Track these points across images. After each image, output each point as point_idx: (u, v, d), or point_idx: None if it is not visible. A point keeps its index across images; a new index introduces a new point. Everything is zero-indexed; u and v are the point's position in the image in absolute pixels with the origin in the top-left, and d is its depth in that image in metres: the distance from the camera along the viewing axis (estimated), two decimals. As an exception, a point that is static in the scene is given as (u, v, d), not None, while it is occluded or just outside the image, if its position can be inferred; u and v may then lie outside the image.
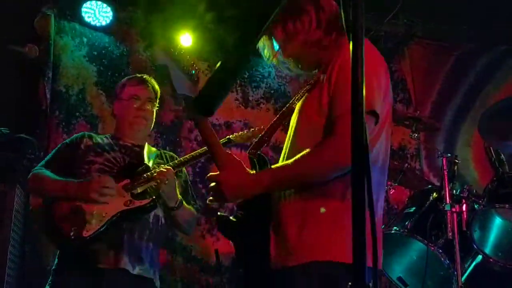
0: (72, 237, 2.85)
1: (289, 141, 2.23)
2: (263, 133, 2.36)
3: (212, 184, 2.08)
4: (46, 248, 4.47)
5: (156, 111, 3.34)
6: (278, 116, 2.36)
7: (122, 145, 3.25)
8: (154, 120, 3.34)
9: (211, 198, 2.11)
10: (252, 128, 3.59)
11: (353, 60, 1.14)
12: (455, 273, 3.71)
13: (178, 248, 5.24)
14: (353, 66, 1.15)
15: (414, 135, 4.33)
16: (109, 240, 2.95)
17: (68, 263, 3.00)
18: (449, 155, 4.10)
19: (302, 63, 2.31)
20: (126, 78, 3.47)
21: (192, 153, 3.24)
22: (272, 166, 2.13)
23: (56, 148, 3.32)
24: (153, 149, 3.32)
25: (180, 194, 3.14)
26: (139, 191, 3.03)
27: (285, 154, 2.23)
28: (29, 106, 4.92)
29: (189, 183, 3.42)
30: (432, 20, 6.01)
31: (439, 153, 4.13)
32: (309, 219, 2.05)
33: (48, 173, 3.11)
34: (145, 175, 3.05)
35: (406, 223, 4.05)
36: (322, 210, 2.03)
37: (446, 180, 3.91)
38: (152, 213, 3.11)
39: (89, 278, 2.93)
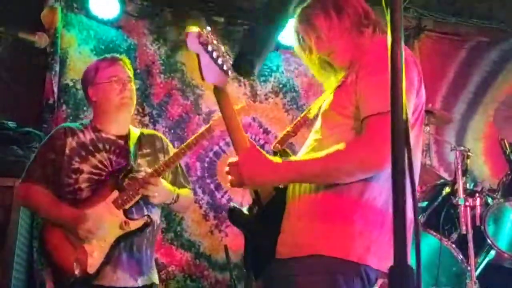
0: (78, 275, 2.78)
1: (313, 138, 2.17)
2: (289, 127, 2.32)
3: (231, 166, 2.05)
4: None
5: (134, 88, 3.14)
6: (305, 111, 2.33)
7: (105, 138, 3.06)
8: (135, 99, 3.17)
9: (230, 181, 2.06)
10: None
11: (392, 59, 1.09)
12: (469, 268, 3.67)
13: (186, 244, 5.20)
14: (392, 64, 1.10)
15: (426, 128, 4.28)
16: (109, 261, 2.88)
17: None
18: (462, 148, 4.05)
19: (336, 59, 2.21)
20: (95, 61, 3.24)
21: (173, 154, 3.06)
22: (297, 158, 2.09)
23: (39, 153, 3.08)
24: (135, 133, 3.16)
25: (171, 182, 3.10)
26: (129, 207, 2.95)
27: (308, 150, 2.16)
28: (36, 100, 4.89)
29: (180, 166, 3.27)
30: (442, 14, 5.96)
31: (452, 146, 4.09)
32: (321, 213, 2.01)
33: (40, 188, 2.97)
34: (131, 184, 2.94)
35: (419, 217, 4.00)
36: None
37: (460, 174, 3.87)
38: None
39: None
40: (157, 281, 3.13)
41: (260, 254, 2.18)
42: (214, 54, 2.06)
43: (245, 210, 2.24)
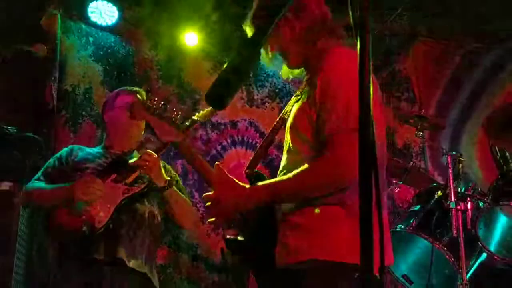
0: (87, 232, 2.91)
1: (287, 157, 2.28)
2: (257, 149, 2.42)
3: (209, 203, 2.17)
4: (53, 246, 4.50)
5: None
6: (270, 130, 2.43)
7: (112, 153, 3.28)
8: (144, 129, 3.37)
9: (210, 218, 2.19)
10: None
11: (360, 60, 1.15)
12: (460, 270, 3.72)
13: (184, 246, 5.26)
14: (360, 66, 1.16)
15: (420, 134, 4.34)
16: (107, 233, 2.99)
17: (67, 254, 3.05)
18: (454, 153, 4.12)
19: (287, 59, 2.33)
20: (117, 90, 3.48)
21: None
22: (271, 181, 2.18)
23: (44, 168, 3.31)
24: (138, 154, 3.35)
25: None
26: (129, 181, 3.08)
27: (283, 169, 2.26)
28: (36, 105, 4.94)
29: (179, 181, 3.44)
30: (437, 19, 6.01)
31: (444, 151, 4.15)
32: (308, 223, 2.10)
33: (39, 184, 3.17)
34: (128, 165, 3.10)
35: (411, 221, 4.07)
36: (317, 210, 2.08)
37: (451, 178, 3.93)
38: (147, 210, 3.16)
39: (88, 268, 2.98)
40: (154, 278, 3.20)
41: (262, 268, 2.29)
42: (161, 115, 2.28)
43: (239, 237, 2.33)
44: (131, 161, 3.09)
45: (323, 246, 2.04)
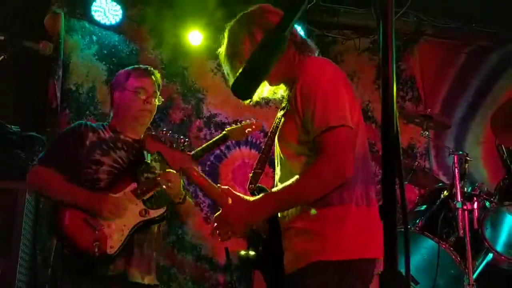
0: (97, 255, 2.80)
1: (280, 168, 2.33)
2: (255, 165, 2.47)
3: (218, 221, 2.22)
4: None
5: (157, 103, 3.22)
6: (264, 147, 2.47)
7: (124, 140, 3.14)
8: (155, 113, 3.25)
9: (220, 236, 2.22)
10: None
11: (383, 56, 1.13)
12: (466, 271, 3.70)
13: (188, 247, 5.25)
14: (383, 64, 1.13)
15: (425, 133, 4.32)
16: (120, 253, 2.91)
17: (76, 268, 2.90)
18: (460, 152, 4.09)
19: (268, 80, 2.39)
20: (130, 67, 3.31)
21: (201, 147, 3.18)
22: (273, 190, 2.23)
23: (57, 140, 3.18)
24: None
25: None
26: (148, 197, 3.00)
27: (279, 181, 2.32)
28: (40, 104, 4.93)
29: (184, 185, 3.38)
30: (442, 18, 5.99)
31: (450, 150, 4.12)
32: (312, 224, 2.16)
33: (52, 171, 2.98)
34: (149, 176, 3.02)
35: (417, 221, 4.05)
36: (313, 211, 2.14)
37: (457, 178, 3.90)
38: (157, 224, 3.10)
39: (99, 281, 2.89)
40: (158, 283, 3.18)
41: (274, 277, 2.33)
42: (172, 145, 2.45)
43: (251, 252, 2.39)
44: (151, 175, 3.01)
45: (328, 246, 2.11)
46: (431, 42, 6.12)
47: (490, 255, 3.94)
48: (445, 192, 4.10)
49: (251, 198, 2.22)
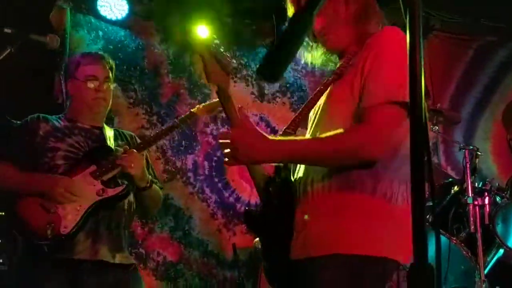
0: (50, 236, 2.75)
1: (315, 124, 2.16)
2: (287, 125, 2.31)
3: (224, 141, 1.98)
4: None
5: (112, 88, 3.17)
6: (302, 109, 2.26)
7: (81, 127, 3.09)
8: (111, 97, 3.19)
9: (225, 158, 2.01)
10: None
11: (411, 46, 1.09)
12: (477, 266, 3.67)
13: (195, 242, 5.22)
14: (410, 52, 1.10)
15: (435, 128, 4.29)
16: (86, 230, 2.86)
17: (42, 254, 2.81)
18: (471, 147, 4.05)
19: (328, 40, 2.21)
20: (79, 54, 3.26)
21: (153, 134, 3.13)
22: (295, 138, 2.03)
23: (10, 134, 3.11)
24: (110, 129, 3.22)
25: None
26: (108, 178, 2.94)
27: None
28: (46, 100, 4.90)
29: (150, 162, 3.29)
30: (450, 13, 5.95)
31: (461, 145, 4.09)
32: (335, 211, 1.99)
33: (9, 165, 2.94)
34: (110, 159, 2.96)
35: (427, 216, 4.01)
36: (306, 217, 2.00)
37: (468, 173, 3.87)
38: (126, 201, 3.03)
39: (66, 269, 2.83)
40: (133, 261, 3.12)
41: (277, 255, 2.16)
42: (218, 56, 2.12)
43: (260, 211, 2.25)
44: (112, 157, 2.94)
45: (346, 239, 1.94)
46: (440, 37, 6.08)
47: (501, 251, 3.91)
48: (455, 187, 4.08)
49: (270, 136, 1.98)
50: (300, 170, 2.15)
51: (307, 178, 2.08)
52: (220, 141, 2.01)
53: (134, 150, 2.97)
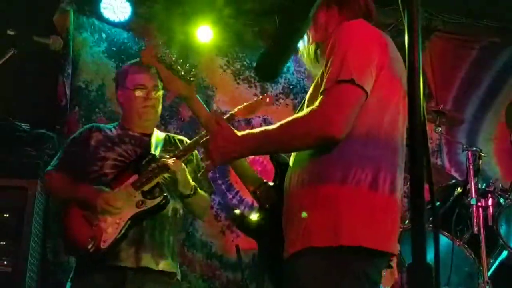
0: (91, 250, 2.84)
1: None
2: None
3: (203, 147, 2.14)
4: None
5: (163, 94, 3.21)
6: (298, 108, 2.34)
7: (132, 135, 3.19)
8: (161, 105, 3.25)
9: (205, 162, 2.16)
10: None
11: (409, 46, 1.09)
12: (481, 268, 3.66)
13: (198, 244, 5.22)
14: (409, 52, 1.10)
15: (438, 129, 4.28)
16: (130, 239, 2.92)
17: (89, 262, 2.94)
18: (474, 148, 4.05)
19: (322, 49, 2.23)
20: (127, 64, 3.33)
21: (193, 139, 3.11)
22: (257, 129, 2.09)
23: (66, 144, 3.28)
24: (161, 134, 3.28)
25: (192, 180, 3.09)
26: (148, 188, 2.98)
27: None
28: (49, 102, 4.92)
29: (200, 164, 3.31)
30: (453, 14, 5.94)
31: (464, 146, 4.08)
32: (307, 204, 2.00)
33: (57, 175, 3.12)
34: (151, 167, 2.99)
35: (431, 218, 4.00)
36: (304, 214, 1.99)
37: (472, 174, 3.86)
38: (170, 207, 3.05)
39: (110, 277, 2.89)
40: (178, 274, 3.14)
41: (272, 257, 2.20)
42: (173, 66, 2.31)
43: (254, 214, 2.28)
44: (153, 166, 2.98)
45: (318, 231, 1.94)
46: (442, 38, 6.06)
47: (505, 253, 3.90)
48: (458, 188, 4.06)
49: (239, 132, 2.09)
50: (288, 171, 2.19)
51: (290, 178, 2.14)
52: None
53: (175, 159, 2.99)
